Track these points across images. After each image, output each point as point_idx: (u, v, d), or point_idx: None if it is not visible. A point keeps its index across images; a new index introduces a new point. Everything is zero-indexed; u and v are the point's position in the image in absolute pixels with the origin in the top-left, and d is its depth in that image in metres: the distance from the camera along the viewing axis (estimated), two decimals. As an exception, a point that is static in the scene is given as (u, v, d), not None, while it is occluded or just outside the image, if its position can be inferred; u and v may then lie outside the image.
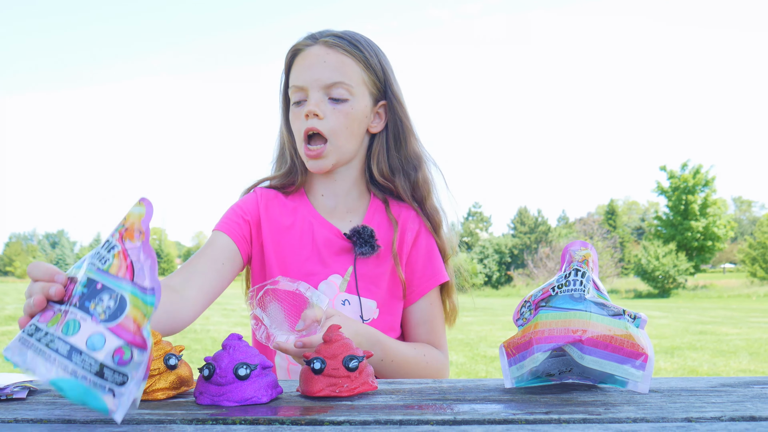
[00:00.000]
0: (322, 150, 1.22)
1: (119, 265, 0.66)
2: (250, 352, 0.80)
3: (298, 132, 1.24)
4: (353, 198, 1.33)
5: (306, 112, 1.21)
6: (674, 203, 34.36)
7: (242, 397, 0.77)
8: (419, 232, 1.31)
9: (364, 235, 1.23)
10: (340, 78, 1.21)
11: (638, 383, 0.80)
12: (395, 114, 1.30)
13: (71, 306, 0.65)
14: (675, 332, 10.76)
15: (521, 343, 0.84)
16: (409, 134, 1.32)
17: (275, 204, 1.31)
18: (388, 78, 1.29)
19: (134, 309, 0.64)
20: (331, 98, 1.22)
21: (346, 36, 1.25)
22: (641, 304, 23.10)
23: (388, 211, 1.32)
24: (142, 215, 0.68)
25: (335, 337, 0.83)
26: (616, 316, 0.83)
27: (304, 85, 1.22)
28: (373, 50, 1.27)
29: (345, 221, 1.30)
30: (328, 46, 1.23)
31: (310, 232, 1.28)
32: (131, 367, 0.63)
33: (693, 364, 7.11)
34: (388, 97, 1.29)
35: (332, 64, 1.21)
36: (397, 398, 0.80)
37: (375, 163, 1.31)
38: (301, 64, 1.24)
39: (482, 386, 0.88)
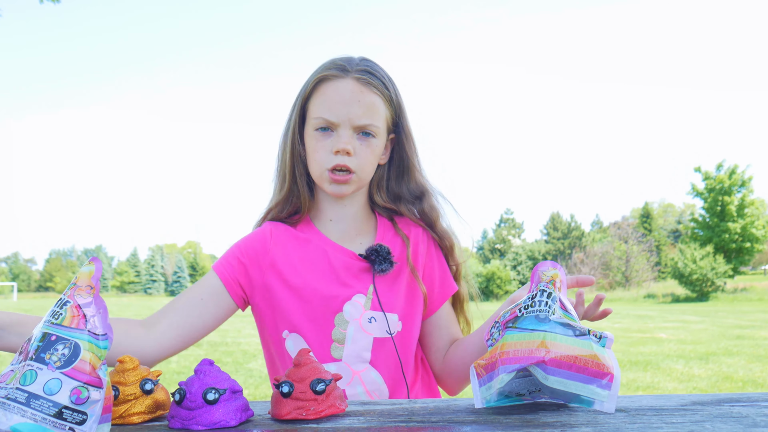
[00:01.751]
0: (349, 178, 1.25)
1: (72, 317, 0.72)
2: (221, 377, 0.83)
3: (322, 162, 1.25)
4: (361, 220, 1.35)
5: (338, 149, 1.22)
6: (710, 205, 33.74)
7: (211, 421, 0.79)
8: (429, 246, 1.35)
9: (382, 253, 1.25)
10: (371, 119, 1.24)
11: (604, 403, 0.81)
12: (403, 149, 1.34)
13: (28, 360, 0.70)
14: (711, 337, 10.56)
15: (488, 363, 0.86)
16: (414, 169, 1.35)
17: (286, 237, 1.32)
18: (403, 114, 1.32)
19: (88, 353, 0.70)
20: (359, 136, 1.24)
21: (374, 72, 1.26)
22: (678, 308, 22.69)
23: (397, 228, 1.35)
24: (92, 272, 0.75)
25: (304, 360, 0.86)
26: (581, 336, 0.83)
27: (336, 120, 1.23)
28: (394, 87, 1.30)
29: (356, 243, 1.32)
30: (361, 84, 1.23)
31: (326, 259, 1.29)
32: (89, 405, 0.68)
33: (728, 371, 6.96)
34: (398, 132, 1.33)
35: (366, 105, 1.23)
36: (363, 420, 0.82)
37: (377, 191, 1.36)
38: (330, 96, 1.24)
39: (453, 407, 0.90)
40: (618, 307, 24.13)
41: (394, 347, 1.25)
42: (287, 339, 1.27)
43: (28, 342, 0.73)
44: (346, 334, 1.24)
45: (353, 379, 1.23)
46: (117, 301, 44.73)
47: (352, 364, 1.24)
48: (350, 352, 1.24)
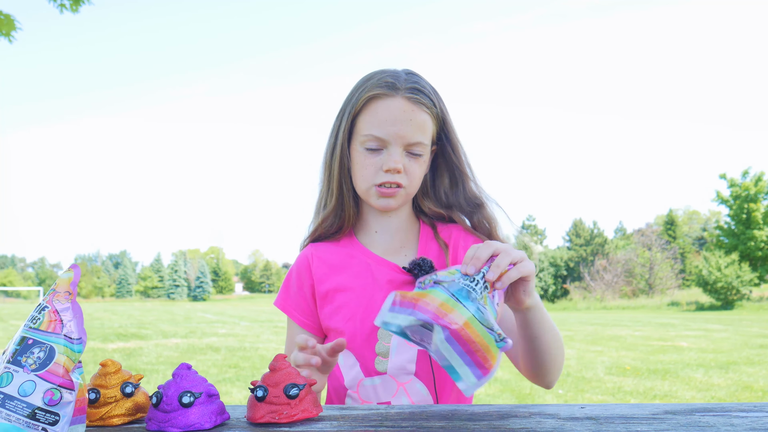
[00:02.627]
0: (396, 191, 1.27)
1: (49, 321, 0.75)
2: (197, 381, 0.85)
3: (371, 179, 1.27)
4: (405, 231, 1.37)
5: (389, 168, 1.24)
6: (736, 212, 33.26)
7: (185, 424, 0.82)
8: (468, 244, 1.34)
9: (425, 267, 1.26)
10: (421, 138, 1.25)
11: (469, 386, 0.85)
12: (450, 159, 1.34)
13: (5, 363, 0.73)
14: (733, 346, 10.41)
15: (408, 300, 0.88)
16: (467, 178, 1.35)
17: (328, 257, 1.35)
18: (447, 126, 1.32)
19: (62, 356, 0.73)
20: (408, 153, 1.26)
21: (422, 89, 1.27)
22: (702, 316, 22.38)
23: (436, 235, 1.35)
24: (71, 279, 0.78)
25: (279, 366, 0.88)
26: (488, 330, 0.86)
27: (387, 138, 1.24)
28: (439, 100, 1.30)
29: (400, 255, 1.33)
30: (412, 103, 1.24)
31: (369, 273, 1.31)
32: (61, 406, 0.71)
33: (748, 380, 6.86)
34: (442, 142, 1.33)
35: (417, 124, 1.24)
36: (335, 425, 0.84)
37: (423, 199, 1.37)
38: (383, 115, 1.25)
39: (427, 413, 0.91)
40: (640, 315, 23.86)
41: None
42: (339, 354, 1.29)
43: (9, 344, 0.77)
44: (390, 347, 1.25)
45: (398, 391, 1.24)
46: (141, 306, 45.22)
47: (397, 376, 1.25)
48: (394, 364, 1.25)
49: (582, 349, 10.22)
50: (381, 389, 1.25)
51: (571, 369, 7.78)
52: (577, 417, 0.86)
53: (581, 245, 49.60)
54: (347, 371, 1.28)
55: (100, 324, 17.36)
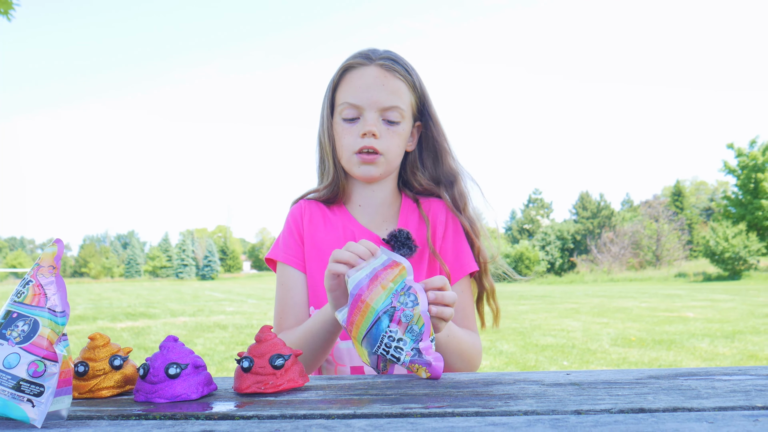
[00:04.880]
0: (376, 158, 1.29)
1: (33, 295, 0.76)
2: (183, 353, 0.86)
3: (350, 147, 1.29)
4: (388, 206, 1.39)
5: (364, 132, 1.26)
6: (743, 182, 33.08)
7: (172, 394, 0.83)
8: (447, 224, 1.37)
9: (401, 238, 1.28)
10: (396, 102, 1.27)
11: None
12: (432, 135, 1.36)
13: None
14: (740, 316, 10.42)
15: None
16: (445, 153, 1.38)
17: (319, 217, 1.38)
18: (427, 101, 1.35)
19: (46, 329, 0.74)
20: (385, 120, 1.28)
21: (398, 59, 1.30)
22: (709, 287, 22.38)
23: (420, 209, 1.38)
24: (55, 253, 0.79)
25: (265, 337, 0.89)
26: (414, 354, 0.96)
27: (361, 104, 1.27)
28: (416, 74, 1.33)
29: (382, 228, 1.37)
30: (385, 69, 1.27)
31: (353, 239, 1.34)
32: (46, 378, 0.72)
33: (753, 349, 6.88)
34: (424, 119, 1.36)
35: (390, 89, 1.27)
36: (321, 394, 0.85)
37: (412, 175, 1.39)
38: (356, 83, 1.28)
39: (414, 383, 0.92)
40: (647, 287, 23.89)
41: None
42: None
43: None
44: None
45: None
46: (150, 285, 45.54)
47: None
48: None
49: (588, 321, 10.24)
50: (355, 353, 1.26)
51: (577, 341, 7.81)
52: (560, 383, 0.87)
53: (588, 218, 49.49)
54: None
55: (108, 304, 17.50)
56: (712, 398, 0.75)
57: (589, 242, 43.36)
